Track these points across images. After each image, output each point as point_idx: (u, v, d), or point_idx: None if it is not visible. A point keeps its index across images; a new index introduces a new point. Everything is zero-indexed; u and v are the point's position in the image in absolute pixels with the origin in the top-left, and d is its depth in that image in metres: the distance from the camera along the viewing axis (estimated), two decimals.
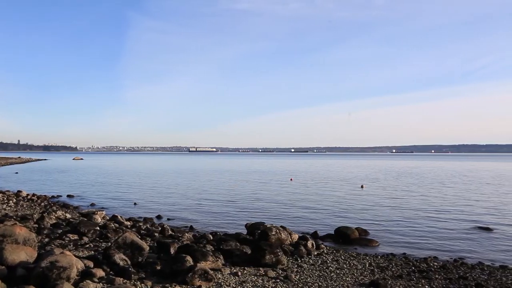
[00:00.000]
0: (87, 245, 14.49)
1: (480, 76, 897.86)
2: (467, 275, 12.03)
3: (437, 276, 11.90)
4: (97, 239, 15.84)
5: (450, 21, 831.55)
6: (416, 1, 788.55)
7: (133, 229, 18.18)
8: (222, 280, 10.88)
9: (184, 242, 14.54)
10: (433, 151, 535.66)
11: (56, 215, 21.18)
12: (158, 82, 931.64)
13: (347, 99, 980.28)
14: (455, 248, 16.08)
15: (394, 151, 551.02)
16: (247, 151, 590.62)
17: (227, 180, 53.01)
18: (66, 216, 21.70)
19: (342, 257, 14.19)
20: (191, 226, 20.57)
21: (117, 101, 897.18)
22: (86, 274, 10.02)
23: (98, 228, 17.52)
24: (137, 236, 13.81)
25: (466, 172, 72.22)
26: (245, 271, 11.87)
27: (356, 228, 18.42)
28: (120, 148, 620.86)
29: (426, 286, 10.91)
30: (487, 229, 19.72)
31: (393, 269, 12.63)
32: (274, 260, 12.43)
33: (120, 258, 11.25)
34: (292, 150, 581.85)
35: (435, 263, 13.45)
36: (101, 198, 33.49)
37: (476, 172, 72.42)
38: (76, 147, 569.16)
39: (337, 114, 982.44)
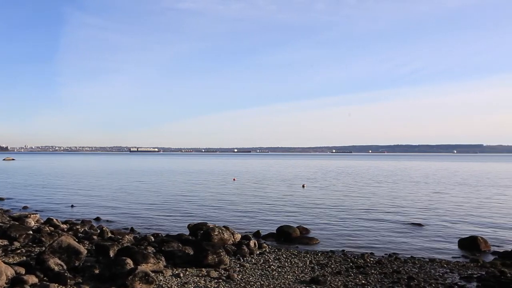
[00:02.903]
0: (19, 251, 13.75)
1: (412, 80, 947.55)
2: (400, 269, 12.69)
3: (373, 271, 12.46)
4: (30, 244, 15.06)
5: (385, 27, 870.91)
6: (355, 6, 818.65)
7: (70, 233, 17.45)
8: (164, 282, 10.73)
9: (124, 245, 14.18)
10: (370, 151, 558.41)
11: None
12: (97, 80, 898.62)
13: (289, 100, 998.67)
14: (389, 244, 16.91)
15: (334, 151, 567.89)
16: (190, 151, 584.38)
17: (169, 181, 52.21)
18: None
19: (284, 255, 14.46)
20: (131, 228, 20.08)
21: (52, 99, 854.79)
22: (16, 282, 9.50)
23: (31, 232, 16.64)
24: (74, 240, 13.30)
25: (399, 171, 76.04)
26: (187, 272, 11.79)
27: (298, 227, 18.85)
28: (56, 148, 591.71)
29: (363, 281, 11.38)
30: (418, 225, 20.91)
31: (332, 266, 13.05)
32: (216, 260, 12.44)
33: (55, 263, 10.77)
34: (235, 150, 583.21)
35: (372, 259, 14.06)
36: (35, 200, 31.77)
37: (408, 171, 76.45)
38: (7, 147, 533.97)
39: (279, 114, 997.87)
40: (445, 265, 13.27)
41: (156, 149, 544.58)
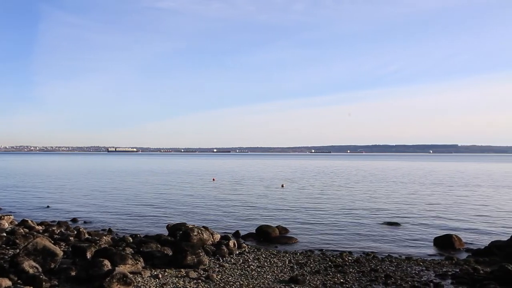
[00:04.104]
0: None
1: (389, 82, 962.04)
2: (378, 267, 12.89)
3: (351, 270, 12.61)
4: (4, 246, 14.73)
5: (366, 28, 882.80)
6: (334, 8, 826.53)
7: (46, 234, 17.11)
8: (142, 284, 10.64)
9: (102, 246, 13.99)
10: (348, 151, 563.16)
11: None
12: (75, 79, 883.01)
13: (268, 101, 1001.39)
14: (367, 243, 17.14)
15: (313, 151, 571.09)
16: (169, 151, 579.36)
17: (147, 181, 51.70)
18: None
19: (263, 255, 14.49)
20: (109, 229, 19.82)
21: (28, 98, 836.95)
22: None
23: (4, 234, 16.30)
24: (50, 241, 13.05)
25: (377, 171, 77.08)
26: (166, 273, 11.71)
27: (277, 227, 18.92)
28: (32, 148, 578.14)
29: (342, 280, 11.51)
30: (395, 224, 21.25)
31: (311, 265, 13.15)
32: (195, 260, 12.39)
33: (29, 265, 10.56)
34: (215, 150, 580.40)
35: (350, 258, 14.22)
36: (9, 201, 31.00)
37: (385, 171, 77.56)
38: None
39: (259, 115, 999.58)
40: (421, 263, 13.53)
41: (135, 149, 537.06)
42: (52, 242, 13.93)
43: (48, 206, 28.17)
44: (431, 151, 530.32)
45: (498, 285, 10.44)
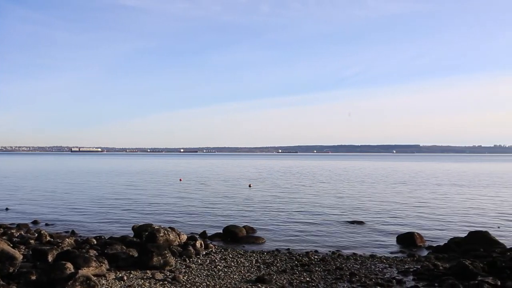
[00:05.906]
0: None
1: (353, 83, 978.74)
2: (343, 265, 13.14)
3: (317, 268, 12.80)
4: None
5: (330, 30, 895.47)
6: (300, 10, 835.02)
7: (4, 237, 16.46)
8: (107, 286, 10.46)
9: (65, 248, 13.61)
10: (315, 151, 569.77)
11: None
12: (36, 78, 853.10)
13: (235, 101, 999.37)
14: (333, 241, 17.45)
15: (280, 151, 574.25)
16: (135, 151, 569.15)
17: (113, 182, 50.68)
18: None
19: (230, 255, 14.51)
20: (72, 231, 19.34)
21: None
22: None
23: None
24: (9, 245, 12.61)
25: (342, 171, 78.49)
26: (131, 275, 11.54)
27: (244, 227, 18.97)
28: None
29: (308, 279, 11.66)
30: (360, 223, 21.70)
31: (278, 265, 13.27)
32: (162, 261, 12.27)
33: None
34: (182, 150, 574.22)
35: (316, 256, 14.43)
36: None
37: (350, 171, 79.08)
38: None
39: (226, 115, 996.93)
40: (384, 261, 13.89)
41: (99, 149, 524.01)
42: (11, 245, 13.48)
43: (7, 209, 27.16)
44: (395, 151, 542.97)
45: (456, 279, 10.85)
